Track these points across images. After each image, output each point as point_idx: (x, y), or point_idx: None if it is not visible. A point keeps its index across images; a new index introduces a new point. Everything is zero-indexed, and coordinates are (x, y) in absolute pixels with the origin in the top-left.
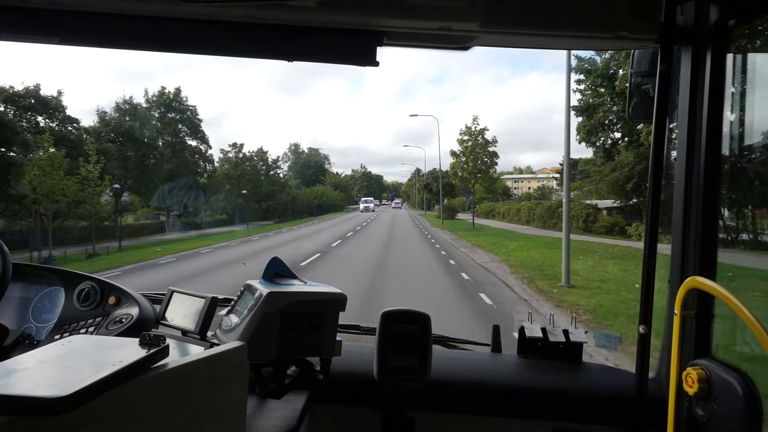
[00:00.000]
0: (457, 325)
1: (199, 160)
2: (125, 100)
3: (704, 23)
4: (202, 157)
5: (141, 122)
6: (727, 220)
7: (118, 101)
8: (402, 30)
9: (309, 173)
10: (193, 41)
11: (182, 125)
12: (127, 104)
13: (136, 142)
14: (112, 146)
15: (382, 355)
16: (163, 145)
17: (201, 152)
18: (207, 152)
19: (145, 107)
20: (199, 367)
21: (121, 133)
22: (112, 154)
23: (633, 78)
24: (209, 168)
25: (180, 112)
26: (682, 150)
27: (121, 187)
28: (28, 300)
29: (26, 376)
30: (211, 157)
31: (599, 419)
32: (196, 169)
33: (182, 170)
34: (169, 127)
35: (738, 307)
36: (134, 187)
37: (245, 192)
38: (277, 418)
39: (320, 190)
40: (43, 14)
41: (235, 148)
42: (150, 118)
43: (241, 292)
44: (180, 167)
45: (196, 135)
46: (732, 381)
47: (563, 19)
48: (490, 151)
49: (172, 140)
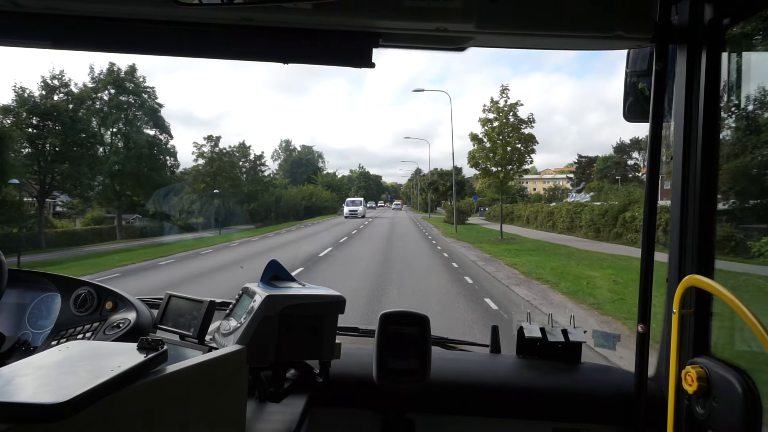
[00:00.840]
0: None
1: (158, 153)
2: (54, 75)
3: (699, 22)
4: (161, 150)
5: (77, 104)
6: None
7: (44, 77)
8: (398, 31)
9: (300, 172)
10: (188, 44)
11: (137, 111)
12: (57, 80)
13: (69, 127)
14: (31, 132)
15: (381, 357)
16: (112, 134)
17: (160, 144)
18: (168, 144)
19: (90, 87)
20: (198, 372)
21: (43, 114)
22: (19, 141)
23: (629, 78)
24: (171, 163)
25: (135, 94)
26: (679, 149)
27: (47, 184)
28: (24, 306)
29: (24, 383)
30: (174, 150)
31: (599, 419)
32: (152, 164)
33: (132, 165)
34: (120, 112)
35: (736, 304)
36: (62, 185)
37: (218, 192)
38: (277, 422)
39: (309, 189)
40: (37, 18)
41: (210, 142)
42: (85, 98)
43: (239, 296)
44: (131, 161)
45: (156, 124)
46: (731, 379)
47: (559, 20)
48: (525, 134)
49: (124, 129)
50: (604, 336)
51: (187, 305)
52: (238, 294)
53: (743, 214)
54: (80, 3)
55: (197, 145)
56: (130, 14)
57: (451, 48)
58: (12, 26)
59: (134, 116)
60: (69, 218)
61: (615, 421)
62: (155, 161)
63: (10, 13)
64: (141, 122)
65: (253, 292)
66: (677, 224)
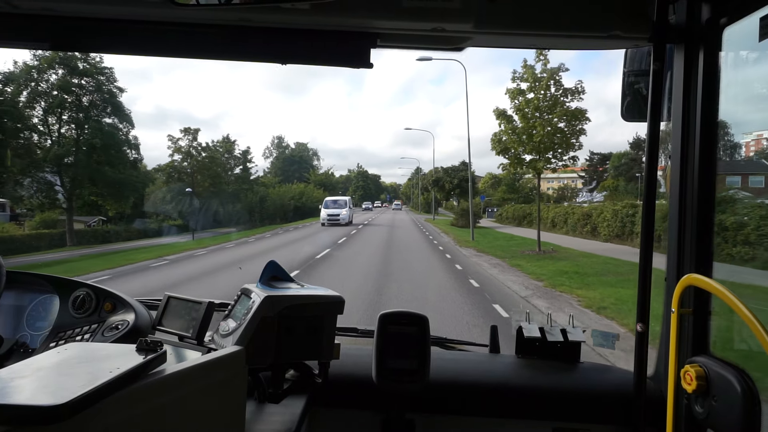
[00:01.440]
0: None
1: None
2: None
3: (696, 22)
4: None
5: (16, 86)
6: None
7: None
8: (396, 32)
9: (293, 170)
10: (186, 45)
11: (91, 95)
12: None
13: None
14: None
15: (380, 357)
16: (60, 121)
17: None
18: (129, 134)
19: (31, 65)
20: (197, 373)
21: None
22: None
23: (626, 77)
24: (134, 156)
25: (88, 76)
26: (677, 148)
27: None
28: (23, 308)
29: (22, 385)
30: (136, 142)
31: (598, 418)
32: (108, 158)
33: (82, 158)
34: (69, 96)
35: (735, 303)
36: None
37: (190, 190)
38: (276, 423)
39: (299, 188)
40: (34, 20)
41: (188, 135)
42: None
43: (238, 297)
44: (80, 154)
45: (115, 111)
46: (730, 378)
47: (556, 20)
48: (572, 109)
49: (77, 116)
50: (603, 335)
51: (185, 306)
52: (236, 295)
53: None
54: (77, 4)
55: (173, 139)
56: (128, 15)
57: (449, 48)
58: (9, 28)
59: (90, 102)
60: (17, 222)
61: (614, 421)
62: (112, 154)
63: (6, 15)
64: (97, 109)
65: (252, 293)
66: (675, 223)
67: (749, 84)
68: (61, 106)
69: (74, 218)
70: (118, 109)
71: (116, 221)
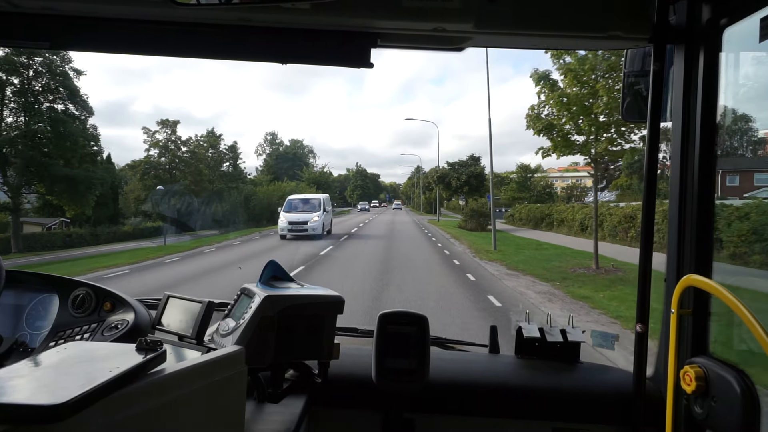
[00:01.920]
0: None
1: (67, 135)
2: None
3: (697, 22)
4: (72, 131)
5: None
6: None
7: None
8: (396, 31)
9: (286, 167)
10: (186, 44)
11: (41, 77)
12: None
13: None
14: None
15: (380, 357)
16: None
17: (70, 123)
18: (87, 122)
19: None
20: (197, 372)
21: None
22: None
23: (627, 78)
24: (93, 149)
25: (37, 54)
26: (677, 149)
27: None
28: (22, 307)
29: (22, 384)
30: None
31: (598, 418)
32: (58, 149)
33: (25, 149)
34: (12, 76)
35: (735, 304)
36: None
37: (161, 188)
38: (276, 423)
39: (290, 186)
40: (35, 19)
41: (166, 127)
42: None
43: (238, 296)
44: (19, 143)
45: (70, 96)
46: (729, 378)
47: (557, 20)
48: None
49: (21, 100)
50: (602, 336)
51: (185, 306)
52: (236, 294)
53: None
54: (77, 3)
55: (149, 132)
56: (128, 14)
57: (450, 48)
58: (9, 27)
59: (42, 86)
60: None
61: (614, 421)
62: (63, 146)
63: (6, 14)
64: (47, 93)
65: (252, 293)
66: (675, 224)
67: (749, 84)
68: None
69: (27, 220)
70: (72, 94)
71: (82, 224)
